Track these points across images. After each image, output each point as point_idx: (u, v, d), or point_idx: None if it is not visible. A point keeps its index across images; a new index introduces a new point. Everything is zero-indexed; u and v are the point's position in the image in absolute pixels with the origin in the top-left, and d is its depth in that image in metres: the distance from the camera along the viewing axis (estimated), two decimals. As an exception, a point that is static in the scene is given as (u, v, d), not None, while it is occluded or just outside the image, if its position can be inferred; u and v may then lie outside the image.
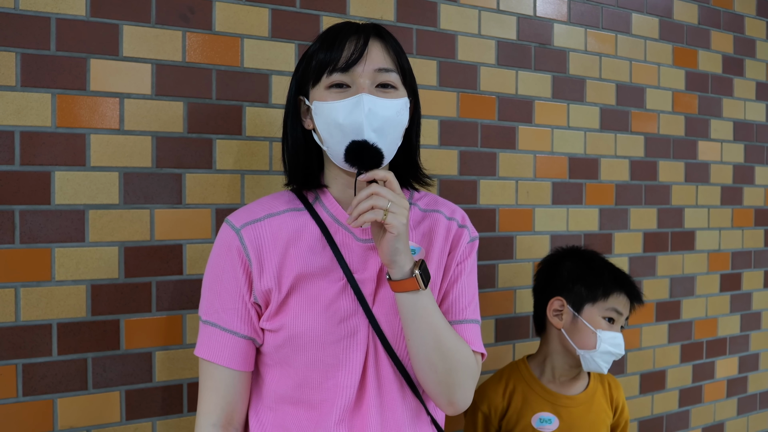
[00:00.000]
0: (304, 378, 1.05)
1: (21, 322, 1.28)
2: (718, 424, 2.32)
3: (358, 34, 1.05)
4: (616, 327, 1.51)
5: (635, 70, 2.08)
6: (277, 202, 1.11)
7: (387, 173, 1.00)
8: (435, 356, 1.03)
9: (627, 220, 2.07)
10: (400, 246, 0.98)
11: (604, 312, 1.50)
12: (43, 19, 1.28)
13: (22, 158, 1.27)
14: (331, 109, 1.02)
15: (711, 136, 2.26)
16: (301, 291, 1.04)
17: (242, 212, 1.09)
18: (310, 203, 1.11)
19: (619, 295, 1.51)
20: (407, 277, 1.00)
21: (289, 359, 1.05)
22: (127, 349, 1.36)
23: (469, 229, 1.17)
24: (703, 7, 2.22)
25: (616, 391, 1.62)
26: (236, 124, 1.46)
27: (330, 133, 1.03)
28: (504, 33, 1.82)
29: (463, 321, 1.12)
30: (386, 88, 1.05)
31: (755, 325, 2.41)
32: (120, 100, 1.35)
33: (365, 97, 1.00)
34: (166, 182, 1.39)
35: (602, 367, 1.48)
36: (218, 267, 1.07)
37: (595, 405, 1.55)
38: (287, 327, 1.03)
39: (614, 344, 1.47)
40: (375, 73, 1.03)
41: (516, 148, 1.85)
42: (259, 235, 1.06)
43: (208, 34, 1.43)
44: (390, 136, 1.04)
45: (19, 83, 1.27)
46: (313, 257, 1.06)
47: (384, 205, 0.96)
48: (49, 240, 1.29)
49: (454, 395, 1.06)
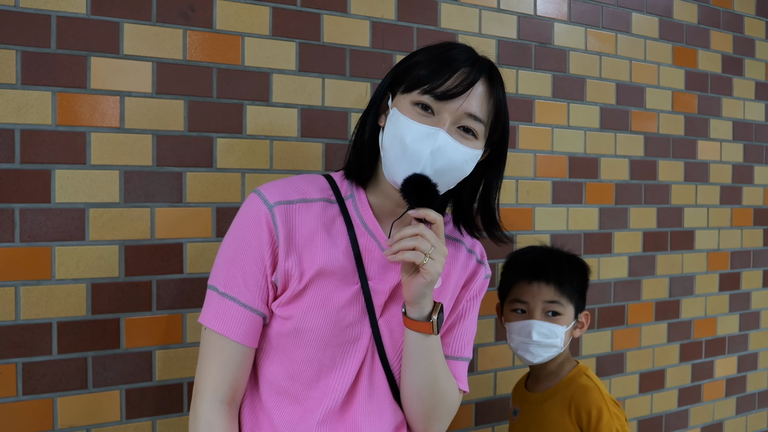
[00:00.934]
0: (297, 372, 1.04)
1: (21, 321, 1.27)
2: (716, 423, 2.33)
3: (471, 68, 1.01)
4: (530, 315, 1.49)
5: (635, 69, 2.08)
6: (311, 188, 1.07)
7: (437, 216, 0.98)
8: (426, 392, 1.05)
9: (627, 220, 2.07)
10: (428, 291, 0.98)
11: (510, 305, 1.54)
12: (44, 16, 1.28)
13: (22, 156, 1.27)
14: (405, 125, 0.99)
15: (710, 136, 2.26)
16: (317, 287, 1.02)
17: (275, 189, 1.04)
18: (343, 198, 1.07)
19: (518, 285, 1.52)
20: (424, 320, 1.00)
21: (288, 350, 1.04)
22: (127, 348, 1.36)
23: (485, 267, 1.18)
24: (702, 7, 2.22)
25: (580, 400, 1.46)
26: (237, 122, 1.45)
27: (392, 144, 1.00)
28: (504, 32, 1.82)
29: (459, 358, 1.14)
30: (467, 134, 1.01)
31: (754, 324, 2.41)
32: (120, 99, 1.35)
33: (442, 134, 0.98)
34: (167, 181, 1.39)
35: (527, 358, 1.50)
36: (244, 239, 1.02)
37: (547, 408, 1.52)
38: (295, 319, 1.01)
39: (522, 333, 1.49)
40: (464, 115, 1.00)
41: (516, 147, 1.85)
42: (291, 217, 1.02)
43: (208, 33, 1.43)
44: (445, 180, 1.01)
45: (20, 81, 1.26)
46: (337, 255, 1.03)
47: (426, 249, 0.95)
48: (49, 238, 1.29)
49: (431, 428, 1.10)
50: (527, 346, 1.49)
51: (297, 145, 1.51)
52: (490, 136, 1.06)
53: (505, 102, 1.07)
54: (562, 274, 1.51)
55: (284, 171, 1.49)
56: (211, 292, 1.05)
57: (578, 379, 1.51)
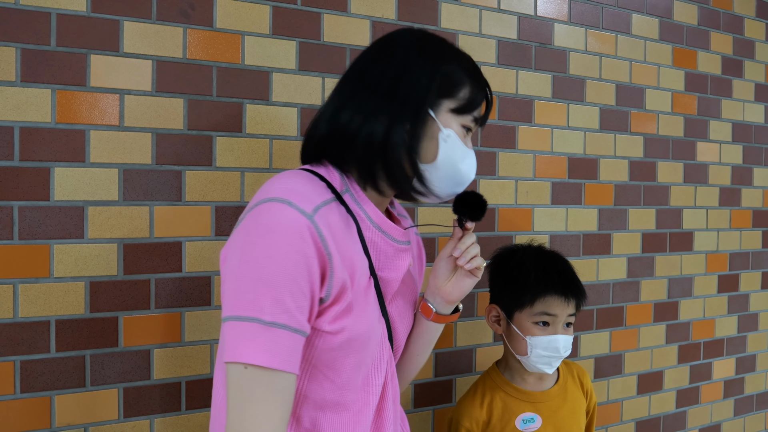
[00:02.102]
0: (347, 381, 0.97)
1: (19, 319, 1.27)
2: (714, 425, 2.33)
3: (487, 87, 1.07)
4: (554, 329, 1.45)
5: (635, 70, 2.08)
6: (319, 188, 0.95)
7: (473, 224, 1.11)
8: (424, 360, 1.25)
9: (626, 221, 2.07)
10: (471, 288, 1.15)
11: (533, 317, 1.45)
12: (44, 14, 1.27)
13: (21, 154, 1.26)
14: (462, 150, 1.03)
15: (710, 137, 2.26)
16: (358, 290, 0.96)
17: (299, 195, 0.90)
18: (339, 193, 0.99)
19: (546, 298, 1.45)
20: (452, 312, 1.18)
21: (335, 362, 0.95)
22: (125, 346, 1.36)
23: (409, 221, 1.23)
24: (702, 8, 2.23)
25: (584, 377, 1.64)
26: (236, 121, 1.45)
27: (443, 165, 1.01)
28: (504, 32, 1.82)
29: None
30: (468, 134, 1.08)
31: (752, 326, 2.41)
32: (120, 97, 1.34)
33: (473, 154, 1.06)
34: (166, 179, 1.39)
35: (543, 369, 1.47)
36: (284, 257, 0.86)
37: (569, 394, 1.56)
38: (349, 329, 0.93)
39: (549, 348, 1.44)
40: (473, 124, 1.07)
41: (516, 148, 1.85)
42: (329, 224, 0.91)
43: (208, 31, 1.42)
44: None
45: (19, 78, 1.26)
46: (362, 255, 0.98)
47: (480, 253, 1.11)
48: (47, 236, 1.29)
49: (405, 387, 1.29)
50: (551, 359, 1.45)
51: (297, 144, 1.51)
52: None
53: None
54: (580, 286, 1.51)
55: (284, 170, 1.49)
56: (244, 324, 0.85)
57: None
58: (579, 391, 1.60)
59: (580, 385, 1.61)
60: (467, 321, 1.80)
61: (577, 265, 1.95)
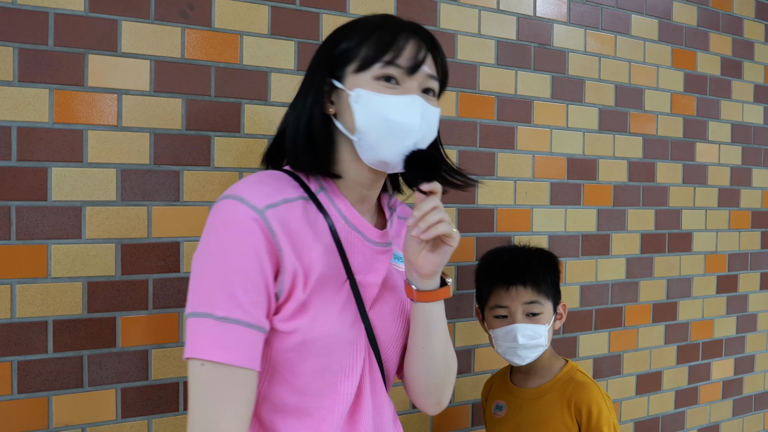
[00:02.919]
0: (305, 386, 0.96)
1: (16, 319, 1.27)
2: (713, 425, 2.33)
3: (418, 34, 0.98)
4: (512, 319, 1.49)
5: (634, 71, 2.08)
6: (286, 187, 0.97)
7: (438, 185, 0.96)
8: (442, 360, 1.06)
9: (625, 221, 2.07)
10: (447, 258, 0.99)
11: (491, 312, 1.53)
12: (42, 13, 1.27)
13: (18, 154, 1.26)
14: (382, 101, 0.94)
15: (709, 138, 2.26)
16: (318, 292, 0.94)
17: (255, 192, 0.91)
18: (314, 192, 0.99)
19: (496, 291, 1.52)
20: (439, 286, 1.01)
21: (292, 365, 0.95)
22: (123, 346, 1.36)
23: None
24: (702, 9, 2.22)
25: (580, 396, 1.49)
26: (235, 121, 1.45)
27: (372, 126, 0.94)
28: (504, 33, 1.82)
29: None
30: (428, 95, 1.00)
31: (751, 326, 2.41)
32: (118, 97, 1.34)
33: (419, 100, 0.95)
34: (164, 179, 1.38)
35: (513, 360, 1.52)
36: (236, 253, 0.87)
37: (543, 403, 1.52)
38: (302, 331, 0.92)
39: (508, 338, 1.49)
40: (425, 77, 0.98)
41: (515, 148, 1.85)
42: (284, 221, 0.91)
43: (207, 31, 1.42)
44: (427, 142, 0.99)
45: (17, 78, 1.26)
46: (328, 256, 0.96)
47: (447, 218, 0.94)
48: (45, 236, 1.28)
49: (443, 396, 1.10)
50: (515, 350, 1.50)
51: (295, 145, 1.51)
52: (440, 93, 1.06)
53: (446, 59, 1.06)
54: (536, 273, 1.51)
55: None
56: (200, 320, 0.86)
57: (575, 376, 1.54)
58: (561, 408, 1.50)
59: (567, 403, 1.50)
60: (466, 321, 1.80)
61: (575, 266, 1.96)
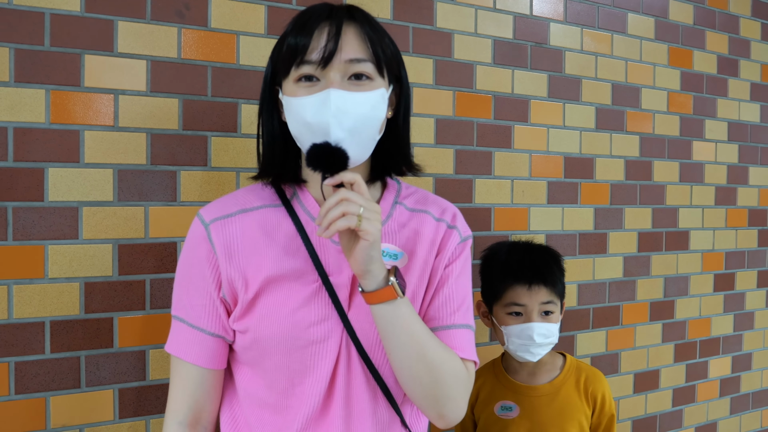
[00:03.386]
0: (272, 381, 1.01)
1: (14, 320, 1.27)
2: (711, 423, 2.33)
3: (330, 20, 0.95)
4: (528, 317, 1.48)
5: (630, 69, 2.08)
6: (252, 197, 1.05)
7: (354, 176, 0.91)
8: (419, 369, 0.96)
9: (622, 220, 2.07)
10: (374, 254, 0.91)
11: (505, 308, 1.51)
12: (37, 14, 1.27)
13: (15, 154, 1.26)
14: (299, 105, 0.94)
15: (705, 137, 2.26)
16: (269, 293, 0.99)
17: (214, 206, 1.04)
18: (288, 199, 1.04)
19: (513, 288, 1.49)
20: (382, 286, 0.93)
21: (257, 361, 1.01)
22: (120, 347, 1.36)
23: (459, 230, 1.10)
24: (698, 8, 2.23)
25: (595, 384, 1.57)
26: (232, 121, 1.45)
27: (299, 131, 0.96)
28: (500, 32, 1.82)
29: (451, 326, 1.05)
30: (360, 80, 0.96)
31: (748, 325, 2.42)
32: (114, 97, 1.34)
33: (333, 92, 0.92)
34: (161, 179, 1.38)
35: (526, 357, 1.51)
36: (186, 262, 1.03)
37: (562, 396, 1.55)
38: (252, 330, 0.99)
39: (524, 336, 1.48)
40: (347, 64, 0.94)
41: (512, 147, 1.85)
42: (229, 231, 1.01)
43: (203, 31, 1.42)
44: (364, 134, 0.96)
45: (13, 79, 1.26)
46: (287, 258, 0.99)
47: (356, 210, 0.88)
48: (42, 237, 1.28)
49: (443, 408, 1.00)
50: (528, 347, 1.49)
51: (292, 144, 1.51)
52: (388, 70, 1.00)
53: (382, 30, 1.01)
54: (554, 273, 1.52)
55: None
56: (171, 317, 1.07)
57: (580, 365, 1.60)
58: (579, 397, 1.56)
59: (583, 392, 1.56)
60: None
61: (573, 265, 1.96)
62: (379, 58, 0.98)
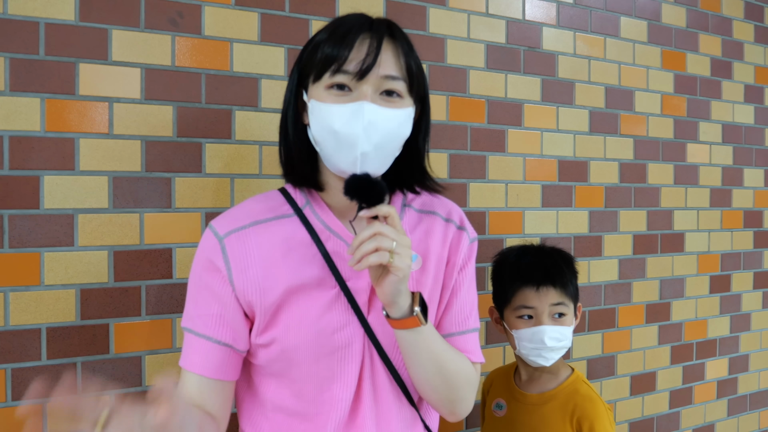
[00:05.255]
0: (300, 390, 1.01)
1: (10, 327, 1.27)
2: (708, 425, 2.33)
3: (371, 33, 0.96)
4: (539, 320, 1.47)
5: (624, 73, 2.09)
6: (264, 208, 1.05)
7: (389, 209, 0.92)
8: (437, 380, 1.02)
9: (616, 223, 2.08)
10: (402, 287, 0.93)
11: (515, 312, 1.49)
12: (32, 23, 1.28)
13: (11, 162, 1.27)
14: (328, 112, 0.95)
15: (700, 139, 2.27)
16: (291, 304, 0.99)
17: (227, 218, 1.03)
18: (300, 208, 1.04)
19: (522, 291, 1.48)
20: (407, 315, 0.95)
21: (285, 372, 1.01)
22: (116, 353, 1.36)
23: (467, 231, 1.13)
24: (691, 11, 2.24)
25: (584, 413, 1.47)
26: (226, 128, 1.46)
27: (323, 137, 0.97)
28: (493, 36, 1.83)
29: (465, 332, 1.10)
30: (391, 96, 0.97)
31: (745, 326, 2.42)
32: (109, 105, 1.35)
33: (366, 106, 0.93)
34: (156, 186, 1.39)
35: (539, 362, 1.48)
36: (196, 274, 1.03)
37: (545, 411, 1.50)
38: (279, 341, 0.99)
39: (534, 340, 1.46)
40: (382, 80, 0.95)
41: (505, 151, 1.86)
42: (244, 244, 1.00)
43: (197, 39, 1.43)
44: (388, 150, 0.98)
45: (8, 88, 1.27)
46: (304, 268, 1.00)
47: (389, 246, 0.88)
48: (38, 244, 1.29)
49: (455, 408, 1.07)
50: (540, 351, 1.47)
51: (286, 150, 1.52)
52: (416, 90, 1.02)
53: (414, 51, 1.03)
54: (564, 275, 1.50)
55: (273, 176, 1.50)
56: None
57: (580, 388, 1.51)
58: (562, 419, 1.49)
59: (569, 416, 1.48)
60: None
61: (568, 268, 1.96)
62: (412, 78, 1.00)
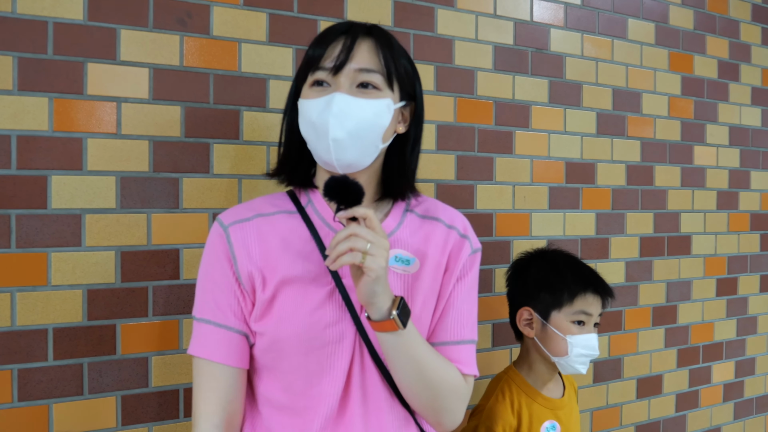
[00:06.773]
0: (289, 384, 1.03)
1: (17, 327, 1.27)
2: (714, 428, 2.32)
3: (347, 34, 1.03)
4: (588, 328, 1.48)
5: (631, 75, 2.08)
6: (268, 204, 1.11)
7: (367, 211, 0.93)
8: (418, 386, 1.02)
9: (623, 225, 2.07)
10: (378, 288, 0.94)
11: (571, 316, 1.47)
12: (41, 22, 1.28)
13: (18, 162, 1.27)
14: (308, 106, 1.02)
15: (707, 141, 2.26)
16: (285, 295, 1.02)
17: (232, 211, 1.09)
18: (303, 206, 1.09)
19: (585, 296, 1.48)
20: (385, 318, 0.96)
21: (275, 364, 1.04)
22: (123, 354, 1.36)
23: (470, 240, 1.13)
24: (698, 13, 2.23)
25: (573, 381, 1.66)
26: (233, 128, 1.45)
27: (306, 130, 1.04)
28: (501, 38, 1.83)
29: (459, 342, 1.10)
30: (366, 88, 1.02)
31: (751, 329, 2.41)
32: (117, 104, 1.35)
33: (337, 96, 0.99)
34: (163, 186, 1.39)
35: (580, 370, 1.48)
36: (208, 264, 1.06)
37: (573, 402, 1.60)
38: (270, 332, 1.02)
39: (588, 347, 1.46)
40: (356, 73, 1.01)
41: (513, 153, 1.85)
42: (246, 234, 1.05)
43: (205, 39, 1.43)
44: (366, 139, 1.01)
45: (16, 87, 1.26)
46: (301, 261, 1.03)
47: (363, 247, 0.90)
48: (45, 244, 1.29)
49: (441, 418, 1.07)
50: (587, 359, 1.47)
51: (294, 151, 1.51)
52: (402, 86, 1.07)
53: (400, 50, 1.08)
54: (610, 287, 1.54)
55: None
56: (193, 322, 1.07)
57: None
58: (575, 399, 1.62)
59: (575, 392, 1.64)
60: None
61: (575, 270, 1.95)
62: (390, 72, 1.04)
